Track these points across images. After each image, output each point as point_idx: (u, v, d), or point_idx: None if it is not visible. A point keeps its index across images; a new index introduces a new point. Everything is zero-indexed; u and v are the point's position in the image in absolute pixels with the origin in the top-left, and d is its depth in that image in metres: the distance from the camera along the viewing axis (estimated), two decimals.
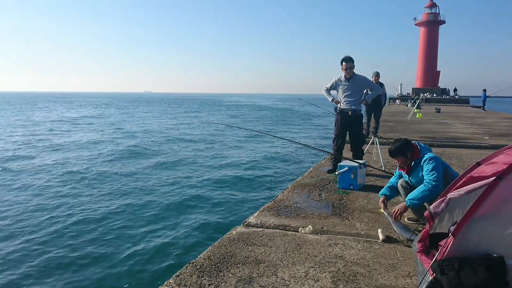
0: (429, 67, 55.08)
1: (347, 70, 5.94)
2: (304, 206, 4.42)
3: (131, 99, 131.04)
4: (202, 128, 26.98)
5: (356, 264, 2.94)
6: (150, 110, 55.56)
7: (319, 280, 2.69)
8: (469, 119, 19.14)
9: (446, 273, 2.09)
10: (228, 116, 43.87)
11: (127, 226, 7.09)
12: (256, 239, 3.44)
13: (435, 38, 54.99)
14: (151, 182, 10.59)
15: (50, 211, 7.92)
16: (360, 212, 4.20)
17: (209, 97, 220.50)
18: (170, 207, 8.24)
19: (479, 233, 2.14)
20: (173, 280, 2.73)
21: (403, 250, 3.20)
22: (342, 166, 5.16)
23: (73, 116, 39.82)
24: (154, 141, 19.89)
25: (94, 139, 20.03)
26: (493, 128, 14.13)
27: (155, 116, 42.24)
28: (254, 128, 25.60)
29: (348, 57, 5.95)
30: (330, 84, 6.22)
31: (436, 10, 54.46)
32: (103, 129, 26.20)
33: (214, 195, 9.24)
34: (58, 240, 6.47)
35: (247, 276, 2.76)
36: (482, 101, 32.42)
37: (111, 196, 9.15)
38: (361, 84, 6.16)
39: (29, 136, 21.02)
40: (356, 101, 6.08)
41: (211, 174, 11.73)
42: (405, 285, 2.64)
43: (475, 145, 9.32)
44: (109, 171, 11.95)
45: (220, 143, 19.37)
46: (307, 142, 18.91)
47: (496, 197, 2.12)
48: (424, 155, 3.66)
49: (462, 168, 6.34)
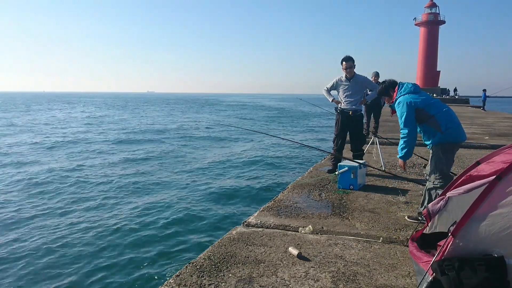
0: (429, 67, 55.05)
1: (347, 70, 5.94)
2: (304, 206, 4.42)
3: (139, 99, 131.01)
4: (202, 128, 26.97)
5: (356, 264, 2.94)
6: (161, 109, 55.83)
7: (319, 280, 2.69)
8: (469, 119, 19.12)
9: (446, 273, 2.08)
10: (229, 116, 43.85)
11: (127, 226, 7.08)
12: (256, 239, 3.44)
13: (435, 38, 54.97)
14: (151, 182, 10.59)
15: (51, 210, 7.94)
16: (360, 212, 4.20)
17: (210, 97, 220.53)
18: (170, 207, 8.23)
19: (479, 233, 2.13)
20: (173, 280, 2.73)
21: (403, 250, 3.19)
22: (342, 166, 5.16)
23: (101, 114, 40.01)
24: (153, 140, 19.90)
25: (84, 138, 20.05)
26: (493, 128, 14.13)
27: (167, 115, 42.27)
28: (255, 128, 25.61)
29: (348, 56, 5.95)
30: (331, 84, 6.22)
31: (436, 10, 54.44)
32: (110, 128, 26.23)
33: (214, 195, 9.24)
34: (58, 239, 6.47)
35: (247, 276, 2.76)
36: (482, 101, 32.41)
37: (110, 196, 9.16)
38: (362, 84, 6.16)
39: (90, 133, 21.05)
40: (356, 101, 6.08)
41: (211, 174, 11.73)
42: (405, 285, 2.63)
43: (475, 145, 9.32)
44: (108, 171, 11.95)
45: (220, 143, 19.37)
46: (307, 142, 18.91)
47: (495, 197, 2.12)
48: (397, 98, 3.73)
49: (462, 168, 6.33)
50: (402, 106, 3.62)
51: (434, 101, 3.70)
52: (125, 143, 19.05)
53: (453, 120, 3.61)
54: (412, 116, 3.59)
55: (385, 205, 4.44)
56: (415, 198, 4.68)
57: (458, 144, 3.67)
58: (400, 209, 4.31)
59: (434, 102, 3.67)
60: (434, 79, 55.38)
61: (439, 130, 3.55)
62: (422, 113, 3.59)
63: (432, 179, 3.63)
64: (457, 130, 3.59)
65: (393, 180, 5.61)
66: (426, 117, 3.59)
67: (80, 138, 20.59)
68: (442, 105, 3.69)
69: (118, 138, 21.00)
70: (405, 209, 4.31)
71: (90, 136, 21.62)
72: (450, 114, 3.62)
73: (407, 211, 4.21)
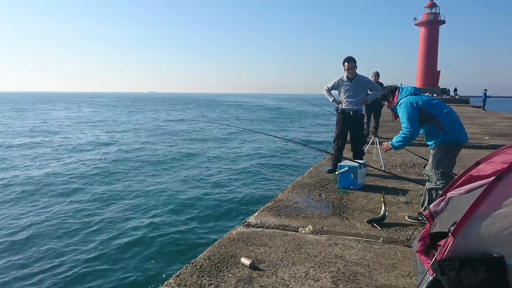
0: (429, 67, 55.03)
1: (349, 71, 5.92)
2: (304, 206, 4.42)
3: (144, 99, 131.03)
4: (202, 128, 26.97)
5: (356, 264, 2.94)
6: (164, 109, 55.78)
7: (319, 280, 2.69)
8: (469, 119, 19.12)
9: (446, 273, 2.08)
10: (229, 116, 43.84)
11: (127, 226, 7.08)
12: (256, 239, 3.44)
13: (435, 38, 54.95)
14: (151, 182, 10.58)
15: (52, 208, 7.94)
16: (360, 212, 4.19)
17: (210, 97, 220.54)
18: (170, 207, 8.23)
19: (479, 233, 2.13)
20: (173, 280, 2.73)
21: (403, 250, 3.19)
22: (342, 166, 5.16)
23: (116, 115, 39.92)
24: (153, 141, 19.90)
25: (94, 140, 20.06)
26: (493, 128, 14.13)
27: (168, 115, 42.28)
28: (255, 128, 25.60)
29: (350, 57, 5.93)
30: (332, 84, 6.20)
31: (436, 10, 54.43)
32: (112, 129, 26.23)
33: (214, 195, 9.24)
34: (58, 239, 6.47)
35: (247, 276, 2.76)
36: (483, 101, 32.43)
37: (108, 196, 9.15)
38: (363, 85, 6.15)
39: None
40: (358, 102, 6.07)
41: (211, 174, 11.72)
42: (405, 285, 2.63)
43: (475, 145, 9.31)
44: (107, 171, 11.96)
45: (220, 143, 19.37)
46: (307, 142, 18.90)
47: (495, 197, 2.12)
48: (399, 101, 3.76)
49: (462, 168, 6.33)
50: (405, 106, 3.64)
51: (436, 101, 3.70)
52: (125, 143, 19.05)
53: (455, 121, 3.61)
54: (416, 116, 3.60)
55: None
56: (415, 198, 4.67)
57: (461, 145, 3.67)
58: (400, 209, 4.31)
59: (436, 103, 3.68)
60: (434, 79, 55.36)
61: (442, 130, 3.55)
62: (424, 112, 3.60)
63: (433, 179, 3.63)
64: (460, 131, 3.59)
65: (393, 180, 5.61)
66: (429, 117, 3.60)
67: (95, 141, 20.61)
68: (444, 105, 3.70)
69: (118, 138, 21.01)
70: (405, 209, 4.31)
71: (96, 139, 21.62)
72: (452, 115, 3.63)
73: (407, 211, 4.21)
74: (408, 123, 3.62)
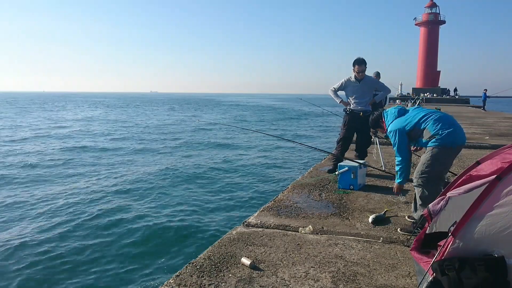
0: (429, 67, 55.06)
1: (359, 73, 5.88)
2: (304, 206, 4.42)
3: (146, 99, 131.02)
4: (202, 128, 26.97)
5: (356, 264, 2.94)
6: (166, 109, 55.86)
7: (319, 280, 2.69)
8: (469, 119, 19.12)
9: (446, 273, 2.08)
10: (229, 116, 43.84)
11: (126, 226, 7.08)
12: (256, 239, 3.44)
13: (435, 38, 54.97)
14: (151, 182, 10.58)
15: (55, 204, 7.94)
16: (360, 212, 4.19)
17: (211, 96, 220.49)
18: (169, 207, 8.23)
19: (479, 233, 2.13)
20: (173, 280, 2.73)
21: (403, 250, 3.19)
22: (342, 166, 5.16)
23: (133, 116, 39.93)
24: (153, 140, 19.90)
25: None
26: (493, 128, 14.13)
27: (169, 115, 42.32)
28: (255, 127, 25.60)
29: (361, 59, 5.83)
30: (339, 84, 6.11)
31: (436, 10, 54.45)
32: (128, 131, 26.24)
33: (214, 195, 9.24)
34: (57, 239, 6.47)
35: (247, 276, 2.76)
36: (483, 101, 32.45)
37: (108, 196, 9.15)
38: (371, 86, 6.14)
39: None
40: (366, 102, 6.06)
41: (211, 174, 11.72)
42: (405, 285, 2.63)
43: (475, 145, 9.31)
44: (108, 171, 11.96)
45: (220, 143, 19.36)
46: (307, 142, 18.90)
47: (495, 197, 2.12)
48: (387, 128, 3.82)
49: (462, 168, 6.33)
50: (394, 134, 3.68)
51: (422, 115, 3.61)
52: (125, 143, 19.05)
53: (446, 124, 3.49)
54: (404, 143, 3.65)
55: (385, 205, 4.44)
56: None
57: (455, 148, 3.53)
58: (400, 209, 4.31)
59: (422, 116, 3.59)
60: (434, 79, 55.38)
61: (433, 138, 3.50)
62: (413, 132, 3.63)
63: (414, 176, 3.59)
64: (453, 134, 3.46)
65: (393, 180, 5.58)
66: (419, 133, 3.61)
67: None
68: (432, 113, 3.60)
69: (119, 138, 21.02)
70: (405, 209, 4.31)
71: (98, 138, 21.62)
72: (441, 120, 3.52)
73: (407, 211, 4.21)
74: (397, 152, 3.69)
